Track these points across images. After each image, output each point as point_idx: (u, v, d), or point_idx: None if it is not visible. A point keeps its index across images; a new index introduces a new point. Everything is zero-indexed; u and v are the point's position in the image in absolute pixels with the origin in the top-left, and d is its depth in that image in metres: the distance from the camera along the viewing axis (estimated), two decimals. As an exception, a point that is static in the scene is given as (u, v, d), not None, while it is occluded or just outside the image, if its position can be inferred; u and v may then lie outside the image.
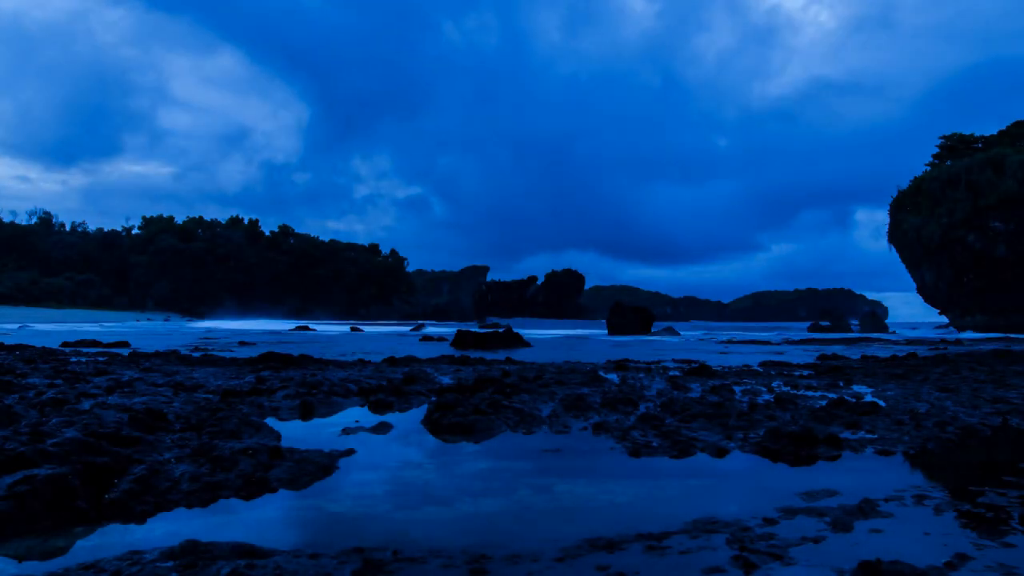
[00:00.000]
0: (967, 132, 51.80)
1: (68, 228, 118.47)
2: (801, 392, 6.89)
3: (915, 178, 50.16)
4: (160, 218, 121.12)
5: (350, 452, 3.78)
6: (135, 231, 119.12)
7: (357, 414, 5.38)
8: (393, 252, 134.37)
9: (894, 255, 51.42)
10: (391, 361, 11.33)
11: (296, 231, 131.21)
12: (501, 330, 22.04)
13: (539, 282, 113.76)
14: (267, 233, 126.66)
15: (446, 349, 18.11)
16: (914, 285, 50.40)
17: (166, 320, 66.65)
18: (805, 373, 9.52)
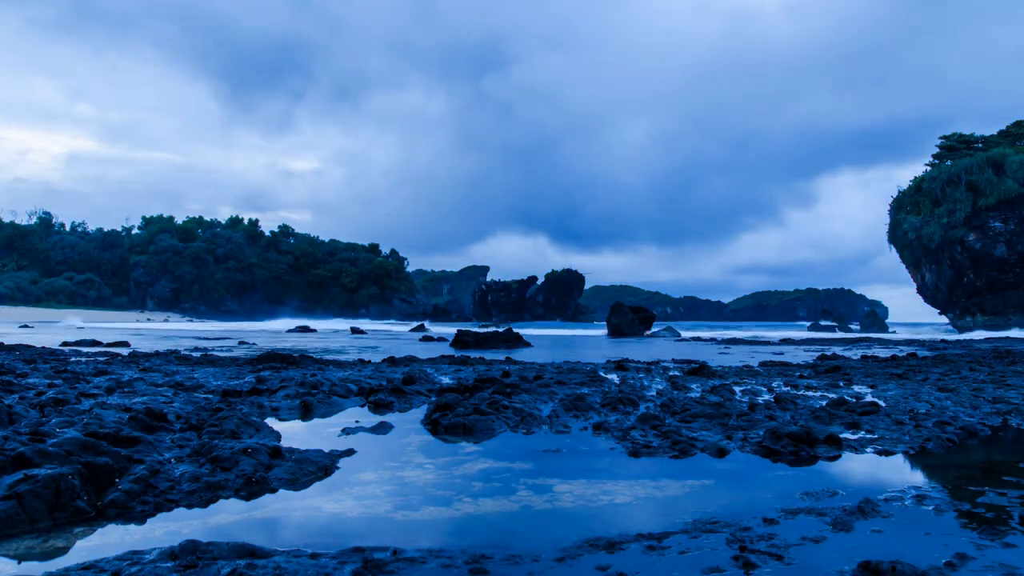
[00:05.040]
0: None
1: (68, 228, 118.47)
2: (801, 392, 6.89)
3: (915, 178, 50.24)
4: (160, 218, 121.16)
5: (350, 452, 3.78)
6: (135, 231, 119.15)
7: (357, 414, 5.38)
8: (393, 252, 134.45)
9: (894, 255, 51.49)
10: (391, 361, 11.34)
11: (296, 231, 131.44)
12: (501, 330, 22.06)
13: (539, 282, 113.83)
14: (267, 233, 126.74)
15: (446, 349, 18.12)
16: (914, 285, 50.42)
17: (166, 320, 66.63)
18: (805, 373, 9.52)
